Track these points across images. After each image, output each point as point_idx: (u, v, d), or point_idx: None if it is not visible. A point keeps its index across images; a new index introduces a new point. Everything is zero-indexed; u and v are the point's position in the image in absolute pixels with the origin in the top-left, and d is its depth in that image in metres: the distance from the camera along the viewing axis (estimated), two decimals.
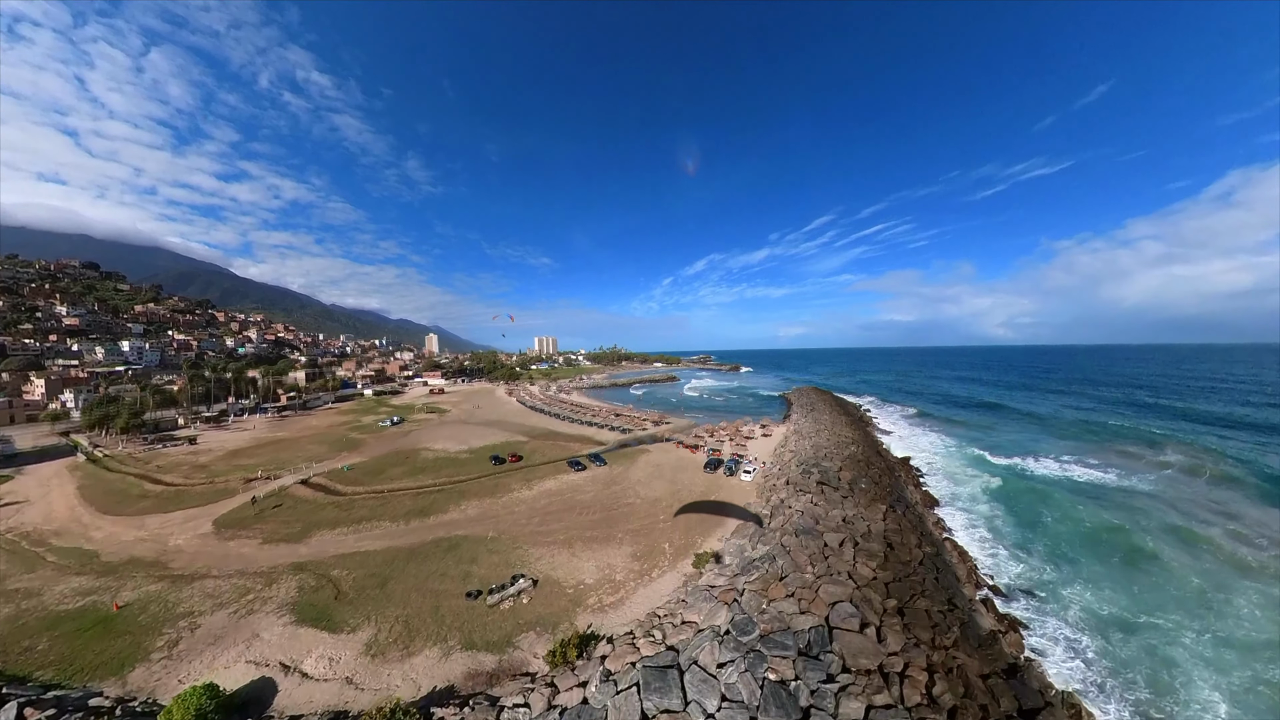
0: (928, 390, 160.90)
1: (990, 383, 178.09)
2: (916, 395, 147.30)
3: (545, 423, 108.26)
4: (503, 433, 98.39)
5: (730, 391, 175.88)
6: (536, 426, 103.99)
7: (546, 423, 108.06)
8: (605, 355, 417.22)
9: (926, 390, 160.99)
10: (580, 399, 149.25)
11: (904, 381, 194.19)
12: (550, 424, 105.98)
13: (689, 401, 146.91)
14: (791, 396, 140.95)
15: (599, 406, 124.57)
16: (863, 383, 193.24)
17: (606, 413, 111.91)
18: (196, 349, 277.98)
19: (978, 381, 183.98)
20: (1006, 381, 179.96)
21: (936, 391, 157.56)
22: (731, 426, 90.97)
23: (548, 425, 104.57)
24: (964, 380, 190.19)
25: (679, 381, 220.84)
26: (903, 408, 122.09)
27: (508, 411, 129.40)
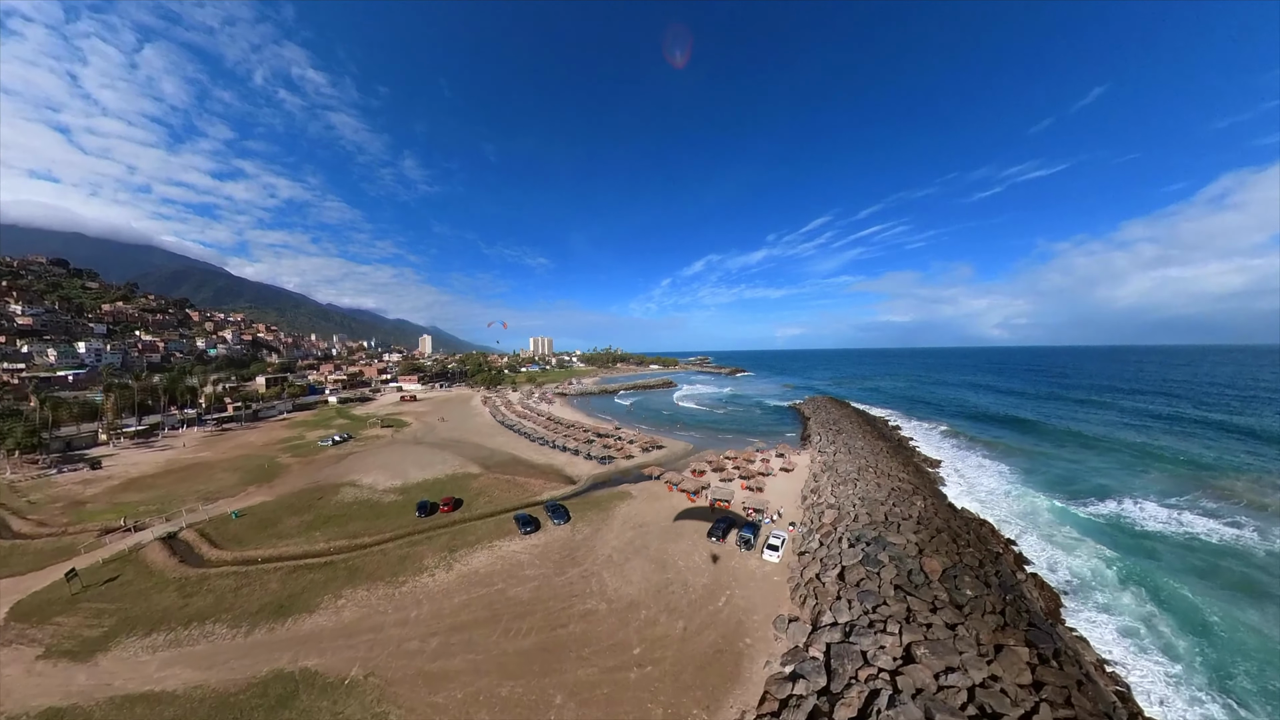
0: (946, 400, 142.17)
1: (1008, 391, 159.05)
2: (936, 407, 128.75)
3: (511, 444, 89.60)
4: (454, 459, 79.59)
5: (732, 401, 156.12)
6: (498, 451, 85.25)
7: (513, 444, 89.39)
8: (599, 357, 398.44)
9: (945, 400, 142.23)
10: (561, 410, 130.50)
11: (917, 389, 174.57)
12: (516, 446, 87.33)
13: (685, 415, 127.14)
14: (805, 409, 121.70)
15: (579, 422, 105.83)
16: (873, 391, 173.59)
17: (586, 432, 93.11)
18: (163, 351, 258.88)
19: (993, 389, 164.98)
20: (1025, 390, 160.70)
21: (956, 401, 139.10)
22: (740, 455, 71.81)
23: (513, 449, 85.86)
24: (979, 388, 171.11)
25: (674, 388, 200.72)
26: (929, 423, 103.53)
27: (473, 428, 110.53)
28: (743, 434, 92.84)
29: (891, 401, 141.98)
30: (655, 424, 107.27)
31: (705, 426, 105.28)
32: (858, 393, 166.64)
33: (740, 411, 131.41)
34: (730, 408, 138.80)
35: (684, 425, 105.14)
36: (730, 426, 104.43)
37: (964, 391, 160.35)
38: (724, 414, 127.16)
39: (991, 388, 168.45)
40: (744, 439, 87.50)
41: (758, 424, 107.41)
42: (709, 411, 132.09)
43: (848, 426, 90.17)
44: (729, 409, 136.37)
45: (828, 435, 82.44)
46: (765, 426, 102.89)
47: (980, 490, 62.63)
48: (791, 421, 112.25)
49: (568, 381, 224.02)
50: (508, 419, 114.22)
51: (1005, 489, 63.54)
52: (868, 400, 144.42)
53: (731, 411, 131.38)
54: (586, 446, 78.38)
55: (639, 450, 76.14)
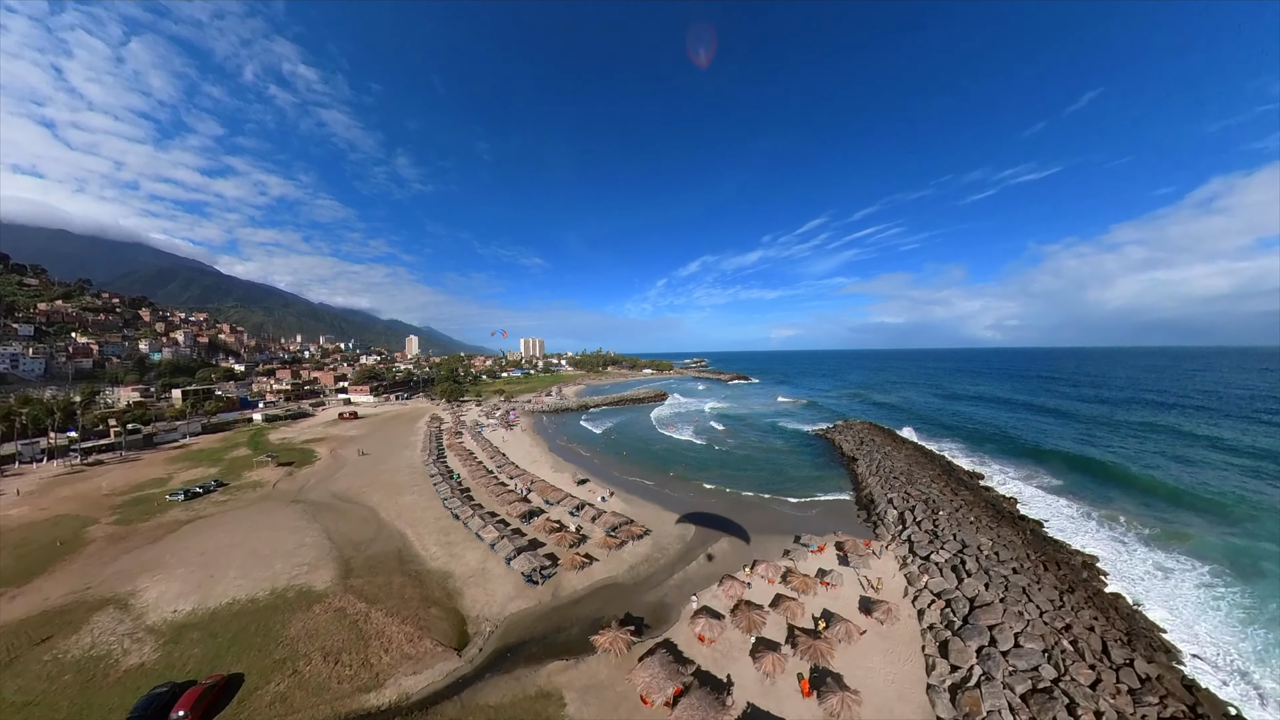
0: (985, 423, 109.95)
1: (1041, 409, 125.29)
2: (1004, 439, 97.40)
3: (415, 514, 58.88)
4: (314, 546, 50.04)
5: (740, 424, 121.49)
6: (387, 529, 54.89)
7: (417, 514, 58.66)
8: (589, 360, 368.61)
9: (984, 423, 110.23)
10: (517, 442, 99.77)
11: (951, 407, 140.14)
12: (419, 520, 56.34)
13: (681, 451, 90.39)
14: (843, 442, 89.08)
15: (530, 472, 71.10)
16: (902, 409, 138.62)
17: (531, 491, 61.85)
18: (97, 355, 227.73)
19: (1024, 406, 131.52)
20: (1060, 407, 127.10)
21: (996, 425, 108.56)
22: (775, 567, 40.30)
23: (410, 526, 54.97)
24: (1008, 405, 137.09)
25: (667, 400, 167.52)
26: (1006, 466, 74.40)
27: (388, 471, 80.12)
28: (766, 491, 62.84)
29: (935, 426, 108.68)
30: (639, 466, 76.53)
31: (710, 476, 71.52)
32: (883, 409, 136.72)
33: (755, 444, 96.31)
34: (740, 437, 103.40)
35: (679, 476, 72.04)
36: (746, 476, 70.86)
37: (996, 411, 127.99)
38: (733, 448, 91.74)
39: (1022, 404, 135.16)
40: (771, 508, 57.41)
41: (785, 471, 74.53)
42: (714, 444, 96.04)
43: (922, 481, 59.99)
44: (738, 440, 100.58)
45: (900, 500, 53.32)
46: (797, 476, 70.90)
47: (1189, 630, 33.86)
48: (826, 461, 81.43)
49: (546, 391, 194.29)
50: (441, 456, 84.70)
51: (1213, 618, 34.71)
52: (906, 422, 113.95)
53: (743, 444, 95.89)
54: (517, 536, 48.14)
55: (601, 543, 45.56)
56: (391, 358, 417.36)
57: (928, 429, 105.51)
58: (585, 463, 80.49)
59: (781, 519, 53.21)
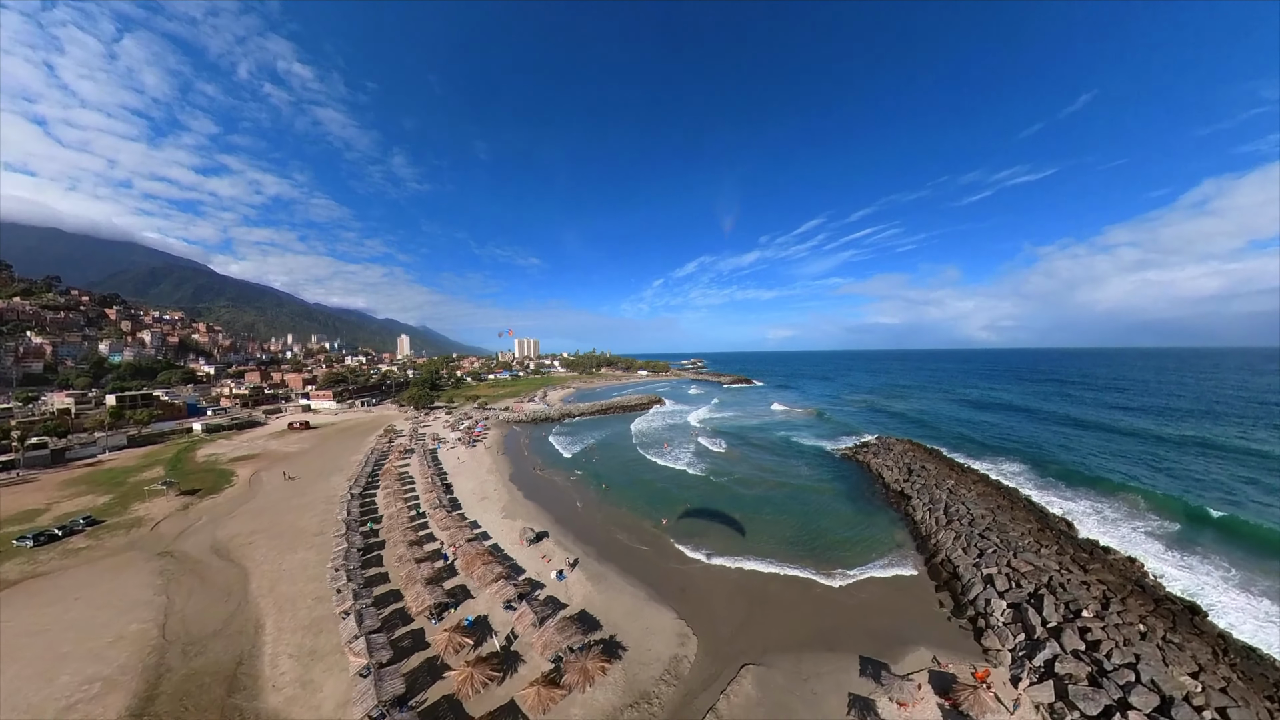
0: (1031, 440, 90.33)
1: (1081, 422, 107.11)
2: (1042, 456, 79.75)
3: (263, 610, 40.17)
4: (69, 692, 31.99)
5: (748, 438, 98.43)
6: (198, 659, 36.14)
7: (268, 607, 39.84)
8: (583, 361, 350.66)
9: (1029, 440, 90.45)
10: (473, 468, 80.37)
11: (977, 417, 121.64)
12: (258, 625, 38.11)
13: (674, 487, 67.65)
14: (884, 470, 69.21)
15: (454, 528, 48.14)
16: (925, 420, 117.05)
17: (453, 556, 42.60)
18: (50, 356, 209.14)
19: (1060, 419, 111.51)
20: (1098, 419, 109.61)
21: (1043, 442, 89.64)
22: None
23: (235, 647, 36.62)
24: (1041, 416, 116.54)
25: (661, 408, 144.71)
26: (1098, 504, 56.48)
27: (299, 509, 61.26)
28: (795, 556, 44.19)
29: (974, 443, 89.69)
30: (619, 509, 57.31)
31: (714, 529, 50.97)
32: (910, 422, 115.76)
33: (769, 473, 74.19)
34: (749, 462, 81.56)
35: (672, 528, 51.88)
36: (763, 529, 50.89)
37: (1048, 427, 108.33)
38: (742, 480, 71.13)
39: (1076, 419, 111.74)
40: (808, 591, 38.33)
41: (815, 518, 54.11)
42: (713, 477, 72.33)
43: (1016, 537, 42.09)
44: (747, 466, 79.05)
45: (1002, 577, 35.37)
46: (834, 528, 51.22)
47: None
48: (865, 498, 61.04)
49: (529, 396, 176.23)
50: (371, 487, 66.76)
51: None
52: (938, 438, 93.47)
53: (754, 473, 74.32)
54: (410, 652, 29.74)
55: (538, 689, 25.29)
56: (379, 358, 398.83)
57: (969, 447, 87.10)
58: (549, 502, 60.75)
59: (826, 613, 35.11)
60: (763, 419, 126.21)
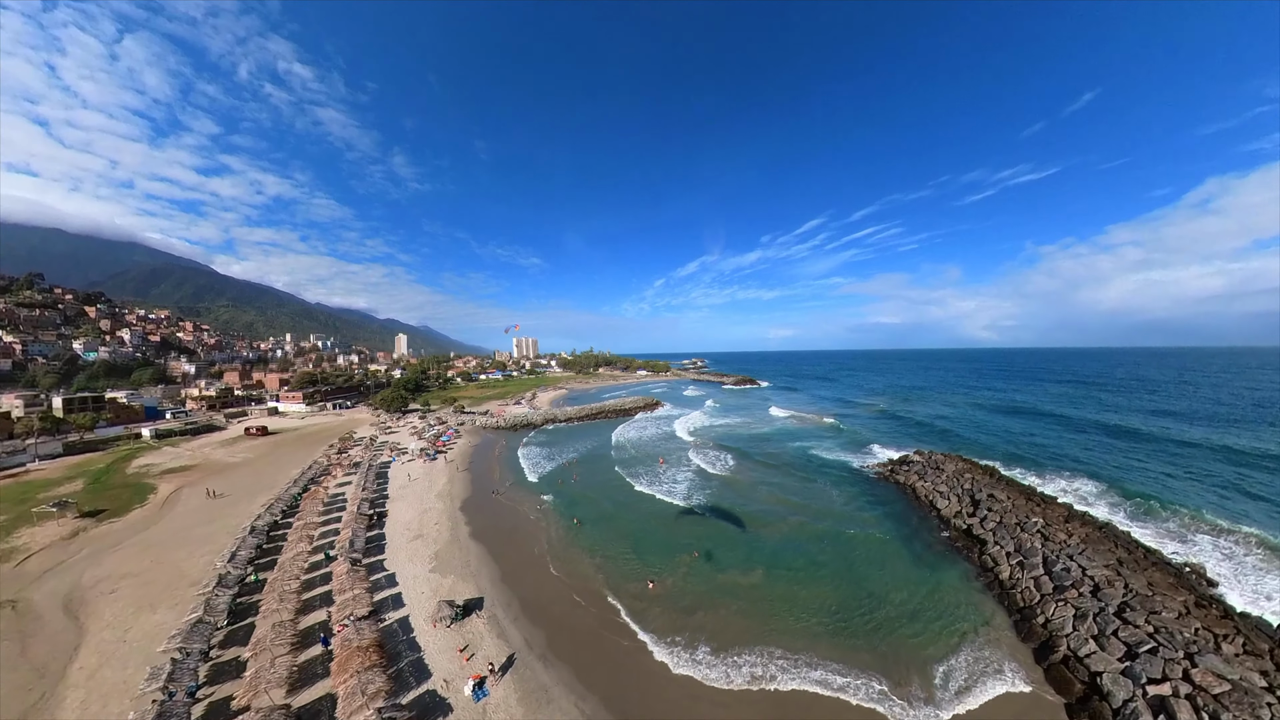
0: (1085, 455, 76.54)
1: (1127, 433, 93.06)
2: (1101, 472, 67.75)
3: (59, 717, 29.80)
4: None
5: (761, 454, 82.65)
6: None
7: (73, 706, 29.61)
8: (580, 360, 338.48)
9: (1084, 455, 76.50)
10: (409, 491, 69.25)
11: (1013, 425, 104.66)
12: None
13: (670, 520, 53.98)
14: (938, 499, 54.51)
15: (354, 589, 33.58)
16: (956, 429, 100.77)
17: (291, 681, 31.68)
18: (18, 355, 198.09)
19: (1106, 428, 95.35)
20: (1147, 428, 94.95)
21: (1095, 454, 76.38)
22: None
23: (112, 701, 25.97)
24: (1080, 425, 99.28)
25: (657, 414, 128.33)
26: (1225, 547, 43.84)
27: (155, 561, 49.05)
28: (843, 651, 30.18)
29: (1024, 459, 74.34)
30: (594, 559, 43.47)
31: (725, 597, 36.56)
32: (938, 431, 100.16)
33: (793, 506, 57.63)
34: (766, 487, 65.07)
35: (664, 596, 37.07)
36: (794, 598, 36.22)
37: (1091, 436, 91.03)
38: (759, 515, 54.18)
39: (1124, 429, 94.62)
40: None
41: (864, 579, 39.46)
42: (720, 506, 57.36)
43: (1159, 607, 29.47)
44: (764, 494, 62.46)
45: (1188, 707, 21.94)
46: (893, 594, 36.77)
47: None
48: (920, 539, 47.15)
49: (517, 399, 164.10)
50: (289, 514, 54.65)
51: None
52: (979, 450, 79.82)
53: (774, 504, 58.39)
54: None
55: None
56: (372, 357, 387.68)
57: (1023, 463, 72.49)
58: (500, 545, 45.69)
59: None
60: (772, 426, 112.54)
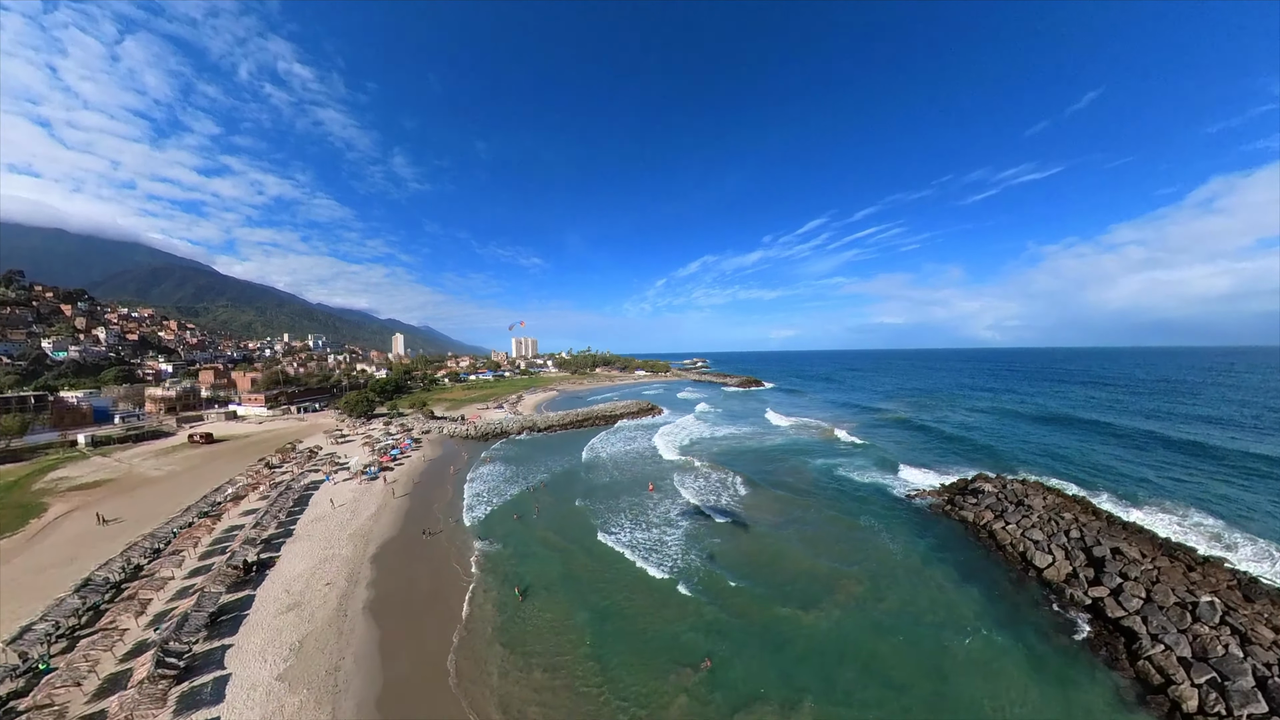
0: (1160, 476, 63.49)
1: (1193, 449, 77.98)
2: (1218, 508, 54.03)
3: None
4: None
5: (774, 475, 67.40)
6: None
7: None
8: (576, 360, 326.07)
9: (1158, 476, 63.14)
10: (317, 529, 56.16)
11: (1069, 441, 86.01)
12: None
13: (656, 599, 35.46)
14: (1034, 552, 38.29)
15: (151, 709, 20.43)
16: (994, 444, 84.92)
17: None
18: None
19: (1156, 441, 75.79)
20: (1213, 441, 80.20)
21: (1195, 483, 63.46)
22: None
23: None
24: (1138, 442, 77.38)
25: (651, 422, 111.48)
26: None
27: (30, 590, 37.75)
28: None
29: (1109, 488, 58.99)
30: (528, 674, 27.71)
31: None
32: (974, 446, 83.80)
33: (833, 550, 43.51)
34: (792, 529, 48.59)
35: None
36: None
37: (1165, 454, 78.45)
38: (786, 581, 37.86)
39: (1189, 445, 78.79)
40: None
41: (960, 688, 25.83)
42: (725, 571, 39.16)
43: None
44: (788, 536, 46.63)
45: None
46: (1007, 707, 24.12)
47: None
48: (1037, 634, 30.88)
49: (500, 402, 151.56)
50: (158, 554, 42.21)
51: None
52: (1039, 467, 66.58)
53: (804, 553, 42.68)
54: None
55: None
56: (365, 356, 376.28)
57: (1103, 488, 58.15)
58: (396, 632, 31.30)
59: None
60: (784, 438, 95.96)
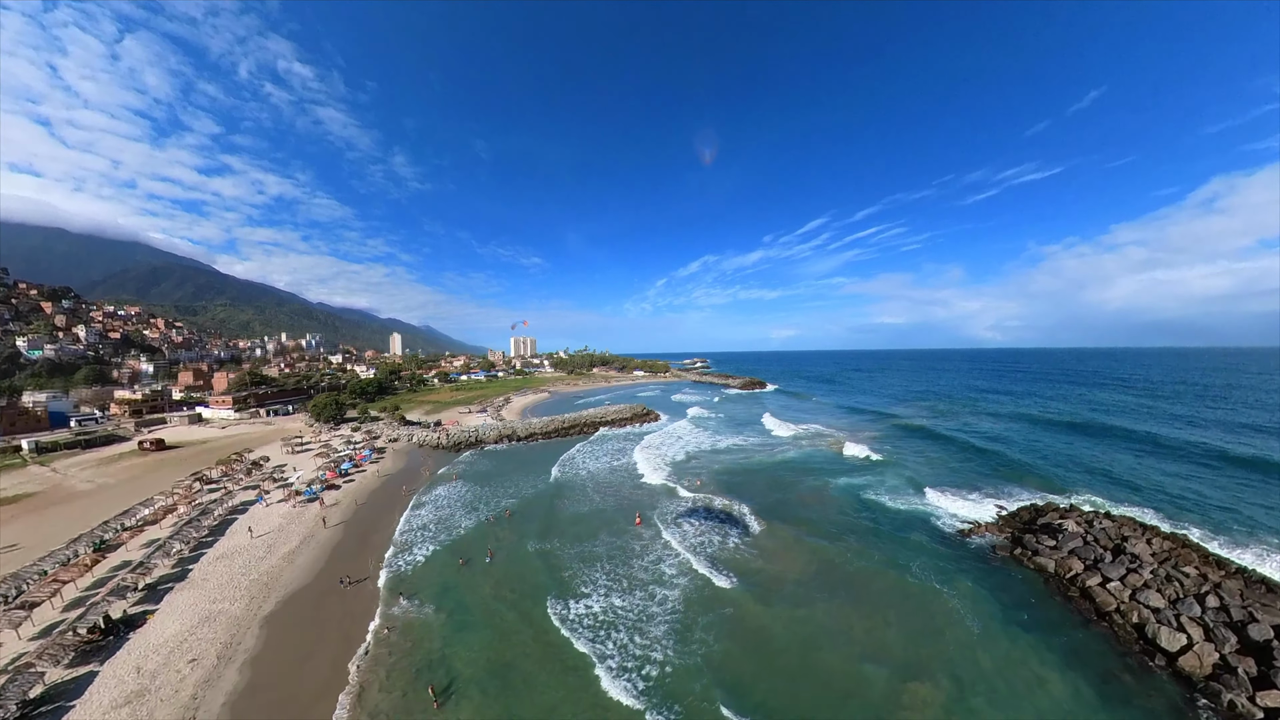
0: (1232, 497, 55.61)
1: (1256, 466, 71.72)
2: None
3: None
4: None
5: (807, 506, 54.29)
6: None
7: None
8: (573, 360, 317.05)
9: (1228, 495, 55.38)
10: (218, 569, 47.49)
11: (1117, 457, 73.98)
12: None
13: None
14: (1159, 629, 28.36)
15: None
16: (1039, 467, 69.14)
17: None
18: None
19: (1216, 457, 67.95)
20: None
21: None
22: None
23: None
24: (1192, 456, 65.13)
25: (643, 430, 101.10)
26: None
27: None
28: None
29: (1188, 506, 51.03)
30: None
31: None
32: (1027, 468, 68.65)
33: (884, 623, 31.99)
34: (820, 580, 37.67)
35: None
36: None
37: (1229, 473, 67.56)
38: (828, 684, 26.57)
39: (1251, 463, 67.43)
40: None
41: None
42: (740, 669, 27.87)
43: None
44: (817, 599, 35.02)
45: None
46: None
47: None
48: None
49: (484, 405, 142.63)
50: (15, 598, 33.13)
51: None
52: (1116, 498, 54.69)
53: (863, 661, 28.44)
54: None
55: None
56: (359, 356, 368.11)
57: (1187, 517, 48.85)
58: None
59: None
60: (799, 450, 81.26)
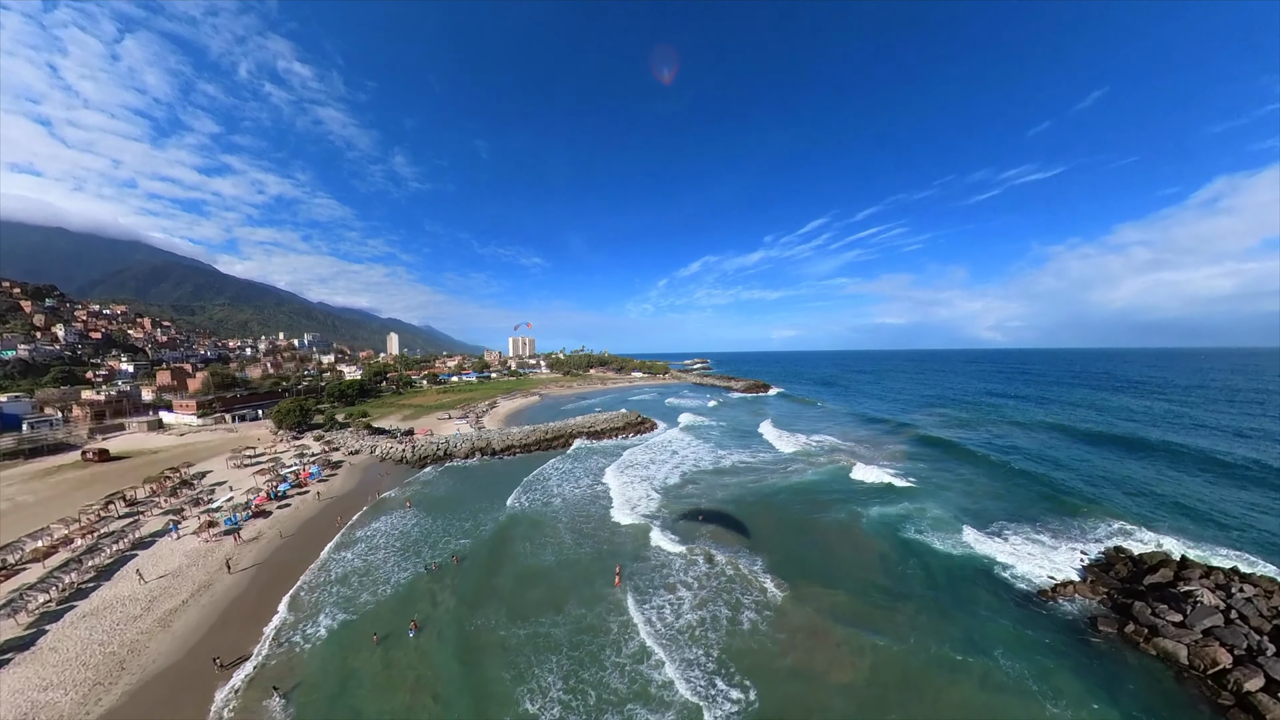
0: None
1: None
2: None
3: None
4: None
5: (836, 556, 42.22)
6: None
7: None
8: (570, 360, 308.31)
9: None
10: (60, 639, 39.06)
11: (1189, 483, 60.83)
12: None
13: None
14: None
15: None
16: (1101, 495, 56.79)
17: None
18: None
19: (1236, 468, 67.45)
20: None
21: None
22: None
23: None
24: (1257, 477, 65.01)
25: (642, 439, 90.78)
26: None
27: None
28: None
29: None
30: None
31: None
32: (1087, 497, 55.77)
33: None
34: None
35: None
36: None
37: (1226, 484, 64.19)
38: None
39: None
40: None
41: None
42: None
43: None
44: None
45: None
46: None
47: None
48: None
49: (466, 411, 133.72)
50: None
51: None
52: (1196, 536, 45.10)
53: None
54: None
55: None
56: (353, 356, 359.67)
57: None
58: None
59: None
60: (817, 470, 67.92)
